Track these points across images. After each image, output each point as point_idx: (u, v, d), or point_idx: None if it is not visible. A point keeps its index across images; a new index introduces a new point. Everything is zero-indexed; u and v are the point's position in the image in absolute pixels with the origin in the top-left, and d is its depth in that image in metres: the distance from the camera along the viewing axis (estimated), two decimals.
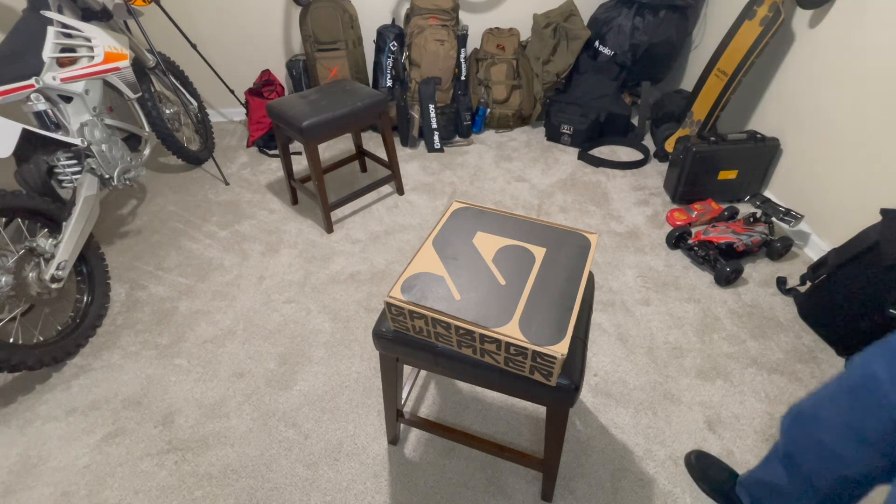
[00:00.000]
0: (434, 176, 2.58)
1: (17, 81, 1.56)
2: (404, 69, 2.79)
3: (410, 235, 2.17)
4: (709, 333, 1.68)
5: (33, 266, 1.59)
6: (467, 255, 1.04)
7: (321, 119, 1.92)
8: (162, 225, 2.30)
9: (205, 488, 1.31)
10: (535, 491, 1.28)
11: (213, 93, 2.99)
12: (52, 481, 1.34)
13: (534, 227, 1.11)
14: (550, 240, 1.07)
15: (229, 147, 2.93)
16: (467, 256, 1.03)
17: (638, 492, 1.27)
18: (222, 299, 1.89)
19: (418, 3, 2.68)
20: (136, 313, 1.84)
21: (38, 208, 1.61)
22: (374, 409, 1.48)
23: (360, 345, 1.68)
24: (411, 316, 0.94)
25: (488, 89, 2.89)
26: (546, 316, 0.90)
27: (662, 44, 2.70)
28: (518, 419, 1.45)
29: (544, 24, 2.80)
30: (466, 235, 1.09)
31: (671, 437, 1.39)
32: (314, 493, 1.29)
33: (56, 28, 1.66)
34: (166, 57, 2.45)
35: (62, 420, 1.49)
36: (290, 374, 1.59)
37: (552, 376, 0.88)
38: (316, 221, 2.28)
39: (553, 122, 2.81)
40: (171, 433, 1.44)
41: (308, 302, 1.86)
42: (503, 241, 1.07)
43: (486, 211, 1.16)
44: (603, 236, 2.14)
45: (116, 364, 1.65)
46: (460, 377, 1.04)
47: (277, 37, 2.95)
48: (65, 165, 1.76)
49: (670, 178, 2.36)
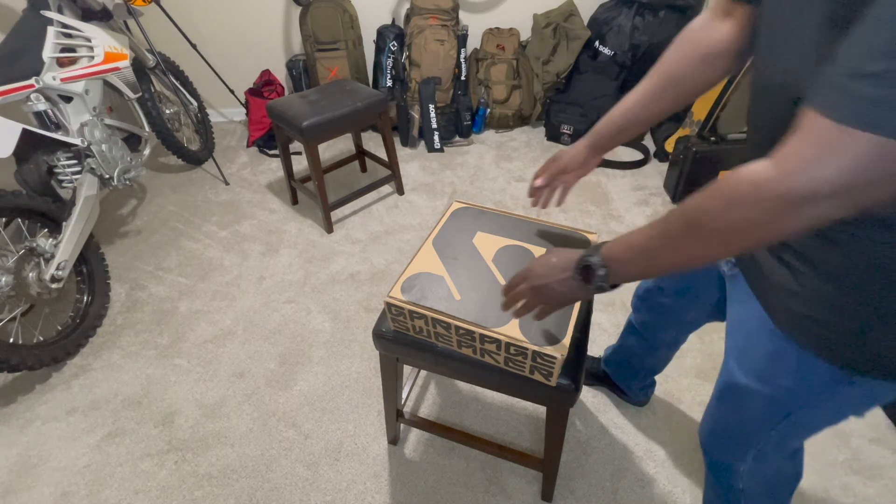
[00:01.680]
0: (434, 176, 2.58)
1: (17, 81, 1.56)
2: (404, 69, 2.79)
3: (410, 235, 2.17)
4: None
5: (33, 266, 1.59)
6: (467, 255, 1.04)
7: (321, 119, 1.92)
8: (162, 225, 2.30)
9: (205, 488, 1.31)
10: (535, 491, 1.28)
11: (213, 93, 2.99)
12: (52, 481, 1.34)
13: (534, 227, 1.11)
14: (550, 240, 1.07)
15: (229, 147, 2.93)
16: (467, 256, 1.03)
17: (638, 492, 1.27)
18: (222, 299, 1.89)
19: (418, 3, 2.68)
20: (136, 313, 1.84)
21: (38, 208, 1.61)
22: (374, 409, 1.48)
23: (360, 345, 1.68)
24: (411, 316, 0.94)
25: (488, 89, 2.89)
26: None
27: (663, 44, 2.68)
28: (518, 419, 1.45)
29: (544, 24, 2.80)
30: (466, 235, 1.09)
31: (671, 437, 1.39)
32: (314, 493, 1.29)
33: (56, 28, 1.66)
34: (166, 57, 2.45)
35: (62, 420, 1.49)
36: (290, 374, 1.59)
37: (552, 377, 0.88)
38: (316, 221, 2.28)
39: (553, 122, 2.81)
40: (171, 433, 1.44)
41: (308, 302, 1.85)
42: (503, 241, 1.07)
43: (486, 211, 1.16)
44: (603, 236, 2.14)
45: (116, 364, 1.65)
46: (460, 377, 1.04)
47: (277, 37, 2.95)
48: (65, 165, 1.76)
49: (670, 178, 2.36)
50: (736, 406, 0.79)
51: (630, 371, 1.35)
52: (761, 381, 0.71)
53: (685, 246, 0.54)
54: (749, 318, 0.72)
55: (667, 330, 1.13)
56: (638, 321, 1.20)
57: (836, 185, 0.41)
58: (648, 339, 1.20)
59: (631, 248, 0.61)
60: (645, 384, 1.39)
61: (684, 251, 0.54)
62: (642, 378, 1.35)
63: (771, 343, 0.68)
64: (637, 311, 1.19)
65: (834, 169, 0.41)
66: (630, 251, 0.61)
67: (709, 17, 0.72)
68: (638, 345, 1.24)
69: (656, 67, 0.77)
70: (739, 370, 0.74)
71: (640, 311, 1.17)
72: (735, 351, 0.76)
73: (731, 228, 0.48)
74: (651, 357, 1.26)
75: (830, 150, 0.41)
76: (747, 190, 0.46)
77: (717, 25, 0.69)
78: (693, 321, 1.06)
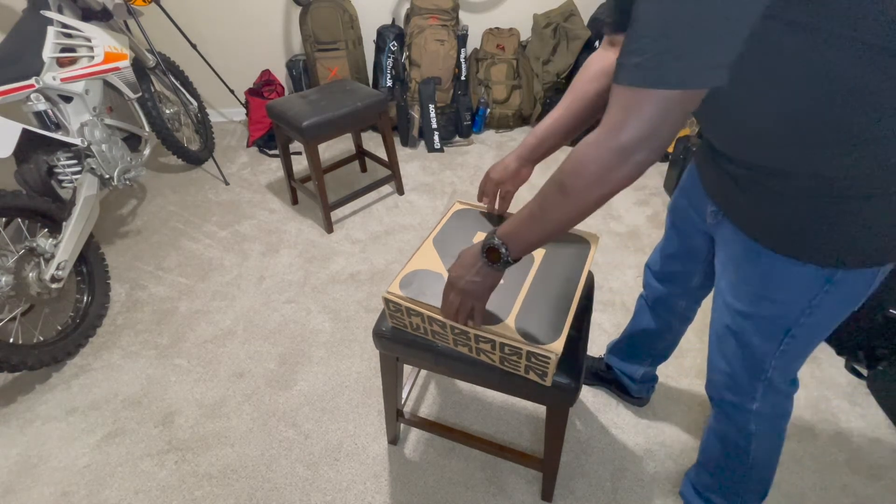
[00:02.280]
0: (434, 176, 2.58)
1: (17, 81, 1.56)
2: (404, 69, 2.79)
3: (410, 235, 2.17)
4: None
5: (33, 266, 1.59)
6: None
7: (321, 119, 1.92)
8: (162, 225, 2.30)
9: (205, 488, 1.31)
10: (535, 491, 1.28)
11: (213, 93, 2.99)
12: (52, 481, 1.34)
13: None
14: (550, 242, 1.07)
15: (229, 147, 2.93)
16: None
17: (638, 492, 1.27)
18: (222, 299, 1.89)
19: (418, 3, 2.68)
20: (136, 313, 1.84)
21: (38, 208, 1.61)
22: (374, 409, 1.48)
23: (360, 345, 1.68)
24: (408, 313, 0.94)
25: (488, 89, 2.89)
26: (542, 316, 0.90)
27: None
28: (518, 419, 1.45)
29: (544, 24, 2.80)
30: (467, 235, 1.09)
31: (671, 437, 1.39)
32: (314, 493, 1.29)
33: (56, 28, 1.66)
34: (166, 57, 2.45)
35: (62, 420, 1.49)
36: (290, 374, 1.59)
37: (547, 376, 0.88)
38: (316, 221, 2.28)
39: None
40: (171, 433, 1.44)
41: (308, 302, 1.85)
42: None
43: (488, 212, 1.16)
44: (603, 236, 2.14)
45: (116, 364, 1.65)
46: (460, 377, 1.04)
47: (277, 37, 2.95)
48: (65, 165, 1.76)
49: (670, 177, 2.36)
50: (739, 342, 0.87)
51: (638, 357, 1.36)
52: (757, 302, 0.81)
53: (560, 206, 0.66)
54: (736, 253, 0.82)
55: (678, 300, 1.17)
56: (650, 297, 1.23)
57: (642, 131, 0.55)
58: (661, 315, 1.23)
59: (520, 221, 0.73)
60: (648, 377, 1.40)
61: (561, 210, 0.66)
62: (649, 364, 1.36)
63: (760, 264, 0.78)
64: (649, 287, 1.23)
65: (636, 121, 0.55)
66: (519, 223, 0.73)
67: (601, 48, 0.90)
68: (651, 323, 1.26)
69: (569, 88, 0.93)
70: (737, 301, 0.84)
71: (651, 285, 1.21)
72: (728, 289, 0.86)
73: (586, 182, 0.61)
74: (662, 337, 1.28)
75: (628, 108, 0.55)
76: (588, 150, 0.60)
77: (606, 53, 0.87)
78: (699, 286, 1.11)
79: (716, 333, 0.94)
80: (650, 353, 1.33)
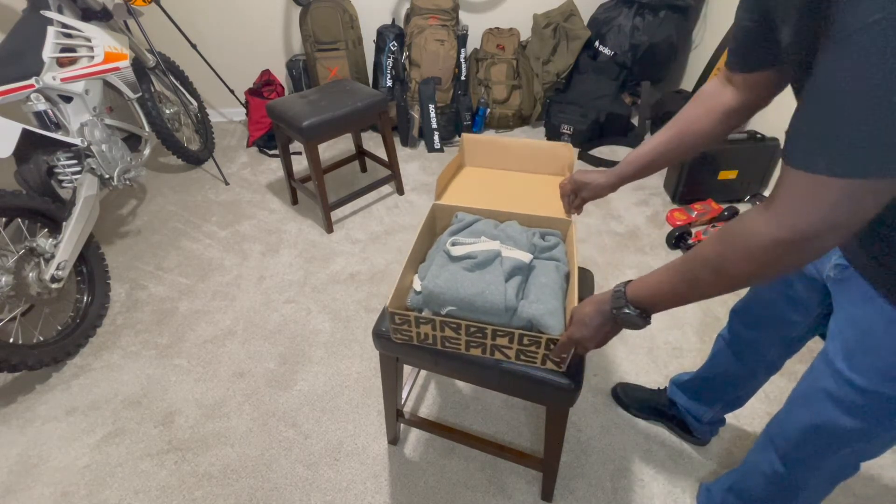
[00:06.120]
0: (434, 176, 2.58)
1: (17, 81, 1.56)
2: (404, 69, 2.79)
3: (410, 235, 2.17)
4: (709, 333, 1.68)
5: (33, 266, 1.59)
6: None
7: (321, 119, 1.92)
8: (162, 225, 2.30)
9: (205, 488, 1.31)
10: (535, 491, 1.28)
11: (213, 93, 2.99)
12: (52, 481, 1.34)
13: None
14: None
15: (229, 147, 2.93)
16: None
17: (638, 492, 1.27)
18: (222, 299, 1.89)
19: (418, 3, 2.68)
20: (136, 313, 1.84)
21: (38, 208, 1.61)
22: (374, 409, 1.48)
23: (360, 345, 1.68)
24: (417, 322, 0.92)
25: (488, 89, 2.89)
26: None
27: (662, 44, 2.69)
28: (518, 419, 1.45)
29: (544, 24, 2.80)
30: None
31: (671, 437, 1.39)
32: (314, 493, 1.29)
33: (56, 28, 1.66)
34: (166, 57, 2.45)
35: (62, 420, 1.49)
36: (290, 374, 1.59)
37: (565, 362, 0.89)
38: (316, 221, 2.28)
39: (553, 122, 2.81)
40: (171, 433, 1.44)
41: (308, 302, 1.85)
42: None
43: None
44: (603, 236, 2.14)
45: (116, 364, 1.65)
46: (461, 377, 1.04)
47: (277, 37, 2.95)
48: (65, 165, 1.76)
49: (670, 177, 2.36)
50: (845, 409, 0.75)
51: (709, 399, 1.25)
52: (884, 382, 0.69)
53: (712, 287, 0.62)
54: (868, 317, 0.71)
55: (769, 348, 1.05)
56: (734, 340, 1.11)
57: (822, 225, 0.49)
58: (746, 361, 1.10)
59: (660, 294, 0.69)
60: (716, 419, 1.29)
61: (712, 290, 0.63)
62: (720, 409, 1.25)
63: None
64: (732, 329, 1.11)
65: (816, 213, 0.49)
66: (658, 296, 0.69)
67: (717, 83, 0.85)
68: (731, 368, 1.13)
69: (676, 118, 0.89)
70: (853, 373, 0.72)
71: (736, 328, 1.09)
72: (842, 354, 0.74)
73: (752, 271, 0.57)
74: (742, 384, 1.16)
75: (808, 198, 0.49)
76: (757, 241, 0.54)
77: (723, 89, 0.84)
78: (798, 337, 0.99)
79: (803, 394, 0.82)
80: (723, 399, 1.22)
